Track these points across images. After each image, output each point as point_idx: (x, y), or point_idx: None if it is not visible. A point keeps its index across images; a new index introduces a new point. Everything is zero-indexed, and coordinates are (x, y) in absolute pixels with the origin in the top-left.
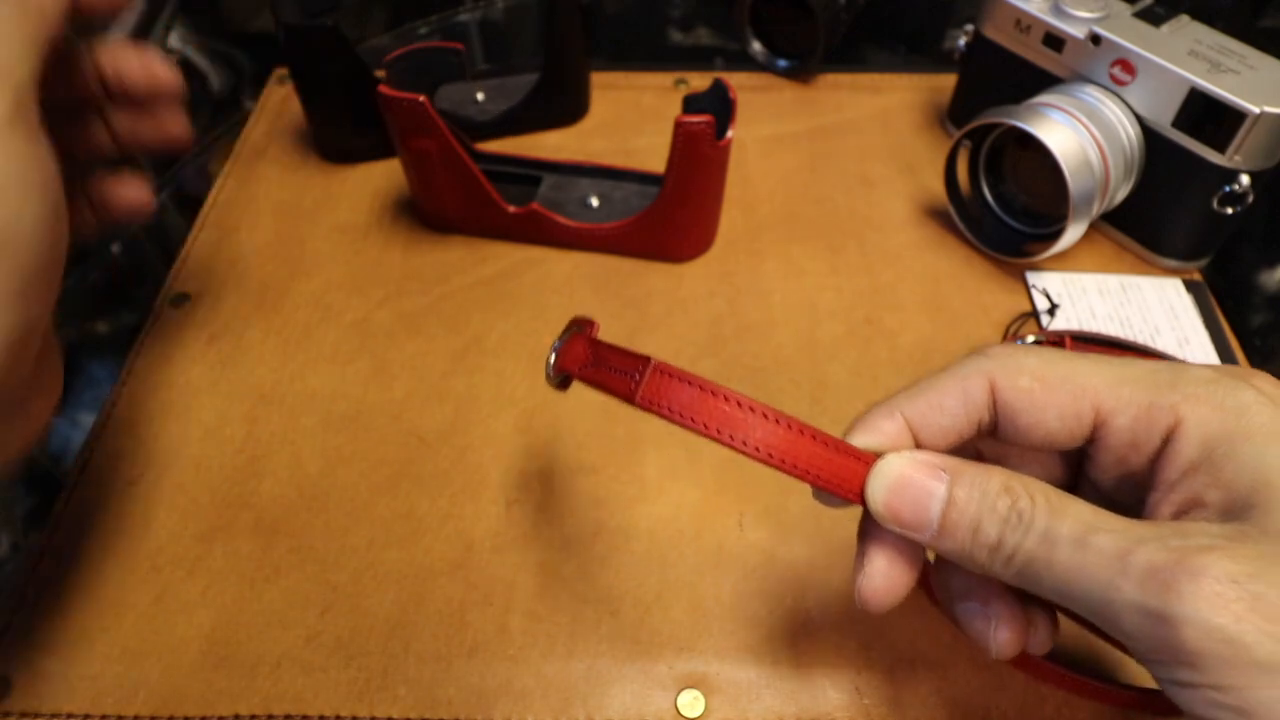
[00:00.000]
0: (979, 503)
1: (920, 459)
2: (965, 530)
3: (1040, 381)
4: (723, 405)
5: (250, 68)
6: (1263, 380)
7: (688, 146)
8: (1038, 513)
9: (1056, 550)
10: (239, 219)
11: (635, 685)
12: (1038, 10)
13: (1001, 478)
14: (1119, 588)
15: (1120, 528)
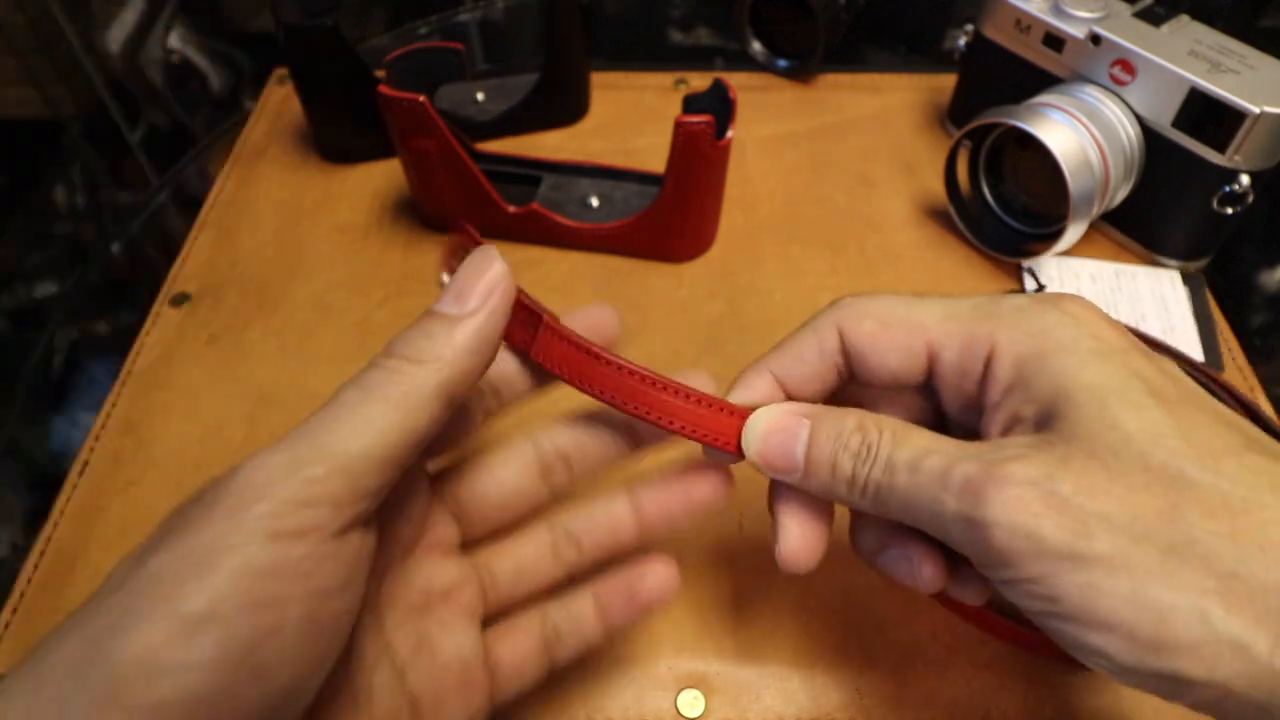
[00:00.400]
0: (834, 440)
1: (786, 409)
2: (825, 467)
3: (880, 323)
4: (604, 368)
5: (250, 68)
6: (1070, 302)
7: (688, 146)
8: (883, 444)
9: (896, 476)
10: (239, 219)
11: (635, 685)
12: (1038, 10)
13: (856, 417)
14: (943, 502)
15: (948, 449)
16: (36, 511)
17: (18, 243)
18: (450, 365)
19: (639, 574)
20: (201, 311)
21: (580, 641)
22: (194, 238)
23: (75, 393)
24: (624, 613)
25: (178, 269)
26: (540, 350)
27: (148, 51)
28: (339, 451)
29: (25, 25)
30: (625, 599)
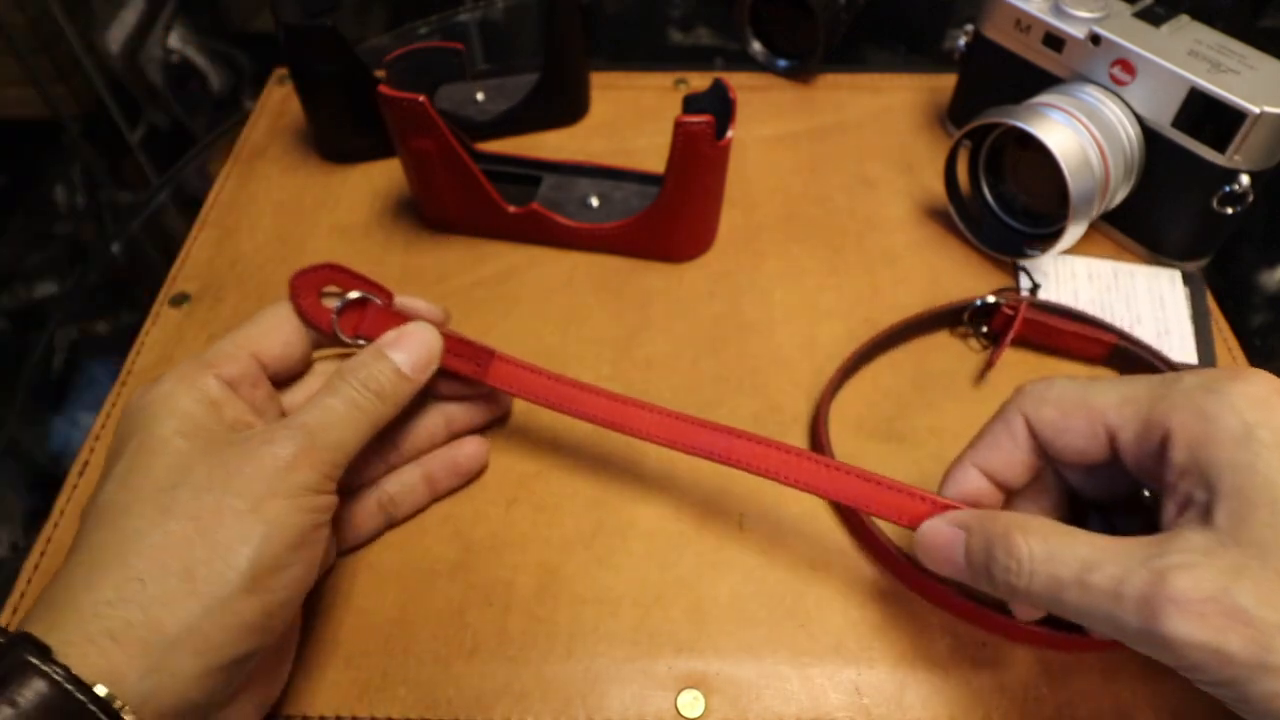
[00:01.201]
0: (985, 554)
1: (943, 522)
2: (984, 577)
3: (1059, 410)
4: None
5: (250, 68)
6: (1248, 383)
7: (688, 146)
8: (1036, 556)
9: (1064, 592)
10: (239, 219)
11: (635, 685)
12: (1038, 10)
13: (1004, 526)
14: (1121, 619)
15: (1111, 558)
16: (36, 511)
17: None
18: (398, 407)
19: (457, 448)
20: (201, 311)
21: (412, 505)
22: (194, 238)
23: (75, 393)
24: (447, 481)
25: (178, 269)
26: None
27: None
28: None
29: (25, 25)
30: (447, 470)
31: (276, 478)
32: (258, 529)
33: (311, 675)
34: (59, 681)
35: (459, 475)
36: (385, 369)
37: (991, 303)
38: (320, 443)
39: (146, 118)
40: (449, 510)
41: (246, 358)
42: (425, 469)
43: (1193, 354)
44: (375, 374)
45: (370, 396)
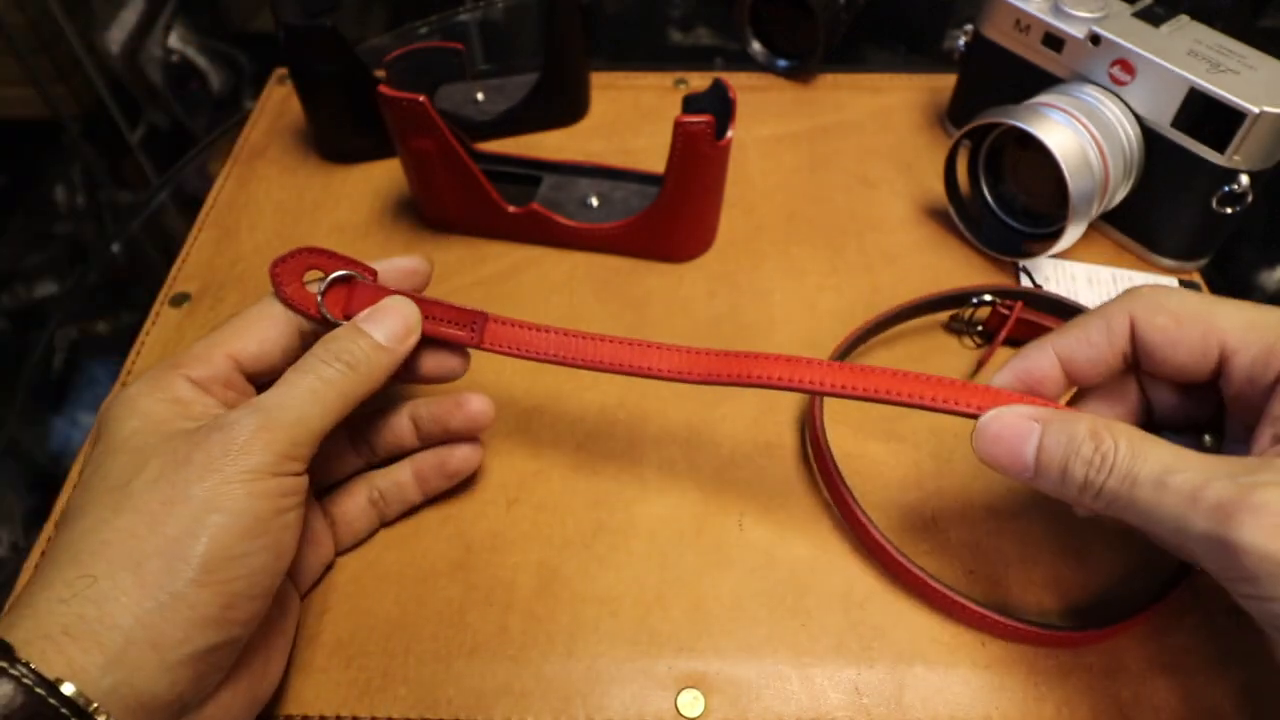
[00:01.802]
0: (1065, 446)
1: (1017, 412)
2: (1056, 472)
3: (1175, 319)
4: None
5: (250, 68)
6: None
7: (688, 146)
8: (1120, 456)
9: (1138, 489)
10: (239, 219)
11: (635, 685)
12: (1037, 10)
13: (1088, 423)
14: (1191, 520)
15: (1196, 466)
16: (36, 511)
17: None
18: (375, 381)
19: (449, 451)
20: (202, 311)
21: (402, 503)
22: (194, 238)
23: (75, 393)
24: (436, 482)
25: (178, 269)
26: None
27: (148, 51)
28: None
29: (25, 25)
30: (437, 471)
31: (228, 461)
32: (210, 517)
33: (312, 675)
34: (28, 685)
35: (447, 477)
36: (359, 341)
37: (987, 300)
38: (277, 420)
39: (146, 118)
40: (449, 510)
41: (220, 357)
42: (415, 466)
43: None
44: (347, 346)
45: (340, 368)
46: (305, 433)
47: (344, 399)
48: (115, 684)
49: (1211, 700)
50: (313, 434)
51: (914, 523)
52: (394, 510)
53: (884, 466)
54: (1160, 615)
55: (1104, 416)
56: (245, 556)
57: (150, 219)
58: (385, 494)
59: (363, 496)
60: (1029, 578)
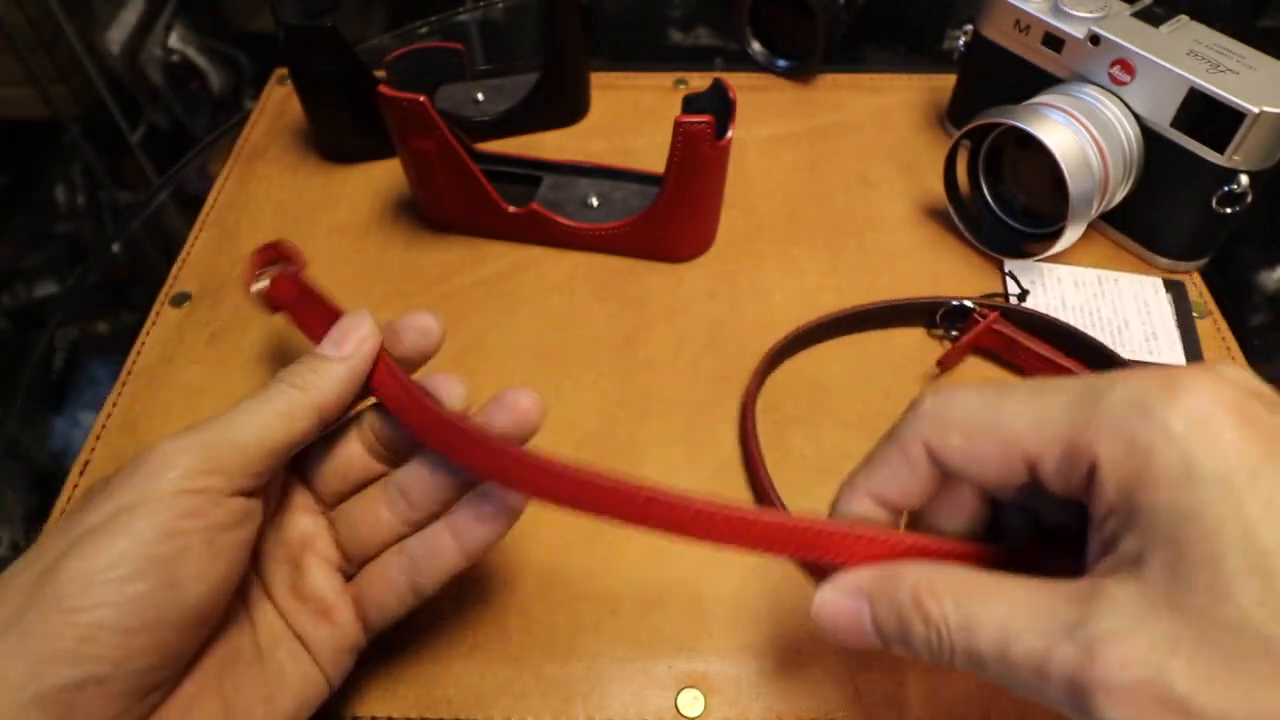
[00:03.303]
0: (897, 625)
1: (842, 589)
2: (898, 645)
3: (967, 437)
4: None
5: (250, 68)
6: (1185, 397)
7: (688, 146)
8: (952, 625)
9: (985, 665)
10: (239, 219)
11: (635, 685)
12: (1037, 10)
13: (911, 589)
14: (1047, 693)
15: (1031, 622)
16: (36, 511)
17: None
18: (324, 393)
19: (482, 494)
20: (202, 311)
21: (440, 569)
22: (194, 238)
23: (75, 393)
24: (474, 534)
25: (178, 269)
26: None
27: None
28: (235, 440)
29: (25, 25)
30: (473, 519)
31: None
32: (83, 538)
33: None
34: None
35: (483, 525)
36: (306, 362)
37: (968, 306)
38: (195, 438)
39: (146, 118)
40: None
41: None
42: (450, 522)
43: (1181, 357)
44: (295, 369)
45: (283, 387)
46: (232, 450)
47: (289, 417)
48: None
49: None
50: (242, 450)
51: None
52: (429, 577)
53: None
54: None
55: (940, 519)
56: (117, 581)
57: (150, 219)
58: (417, 561)
59: (393, 567)
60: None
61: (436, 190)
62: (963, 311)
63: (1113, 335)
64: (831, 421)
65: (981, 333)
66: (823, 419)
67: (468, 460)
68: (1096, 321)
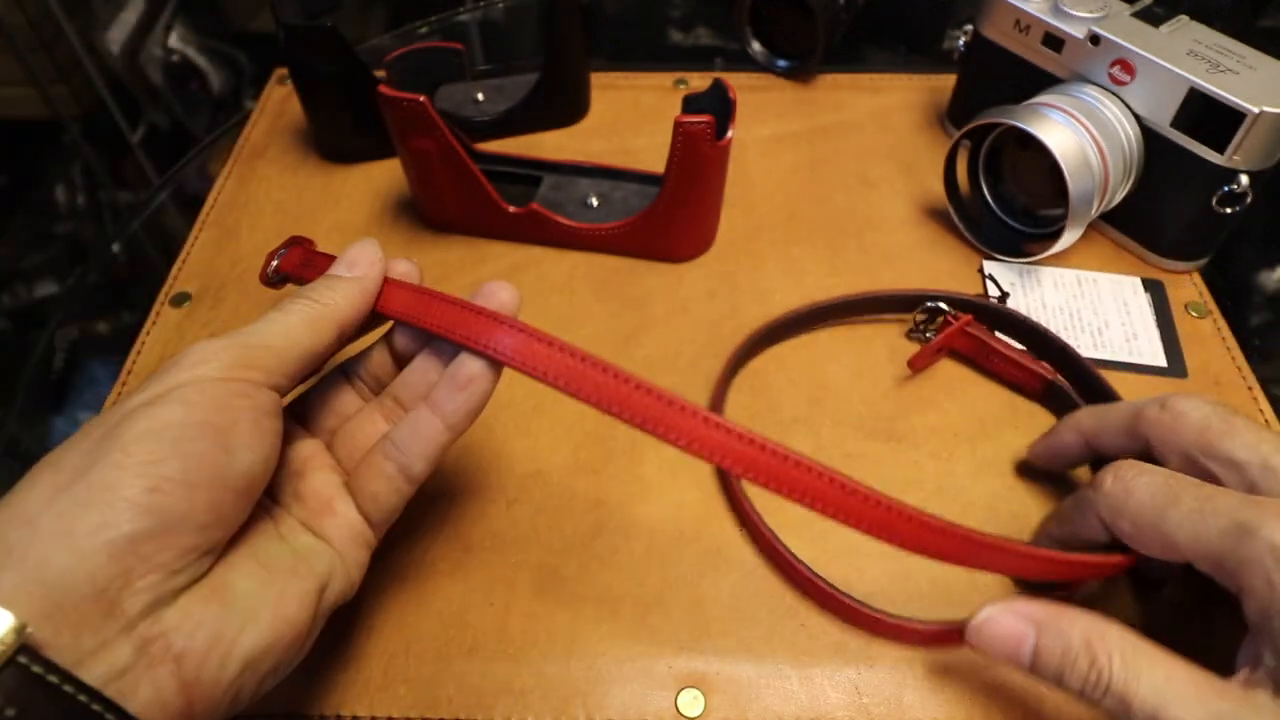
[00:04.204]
0: (1060, 659)
1: (1012, 612)
2: (1051, 677)
3: (1135, 528)
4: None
5: (250, 68)
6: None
7: (688, 146)
8: (1114, 674)
9: (1131, 714)
10: (239, 219)
11: (635, 685)
12: (1037, 10)
13: (1082, 634)
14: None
15: (1189, 700)
16: None
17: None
18: (341, 308)
19: (456, 363)
20: (202, 311)
21: (425, 443)
22: (194, 238)
23: (75, 393)
24: (453, 403)
25: (178, 269)
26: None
27: (148, 51)
28: (267, 344)
29: (25, 25)
30: (450, 389)
31: (179, 367)
32: (140, 404)
33: (313, 674)
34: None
35: (460, 388)
36: (324, 281)
37: (941, 308)
38: (236, 340)
39: (146, 118)
40: (449, 510)
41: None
42: (429, 400)
43: (1162, 357)
44: (314, 286)
45: (305, 302)
46: (266, 352)
47: (312, 325)
48: (21, 581)
49: None
50: (274, 352)
51: None
52: (417, 456)
53: (884, 466)
54: (1160, 617)
55: None
56: (177, 440)
57: (150, 219)
58: (401, 443)
59: (377, 455)
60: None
61: (436, 190)
62: (937, 313)
63: (1093, 336)
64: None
65: (954, 335)
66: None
67: (483, 339)
68: (1077, 323)
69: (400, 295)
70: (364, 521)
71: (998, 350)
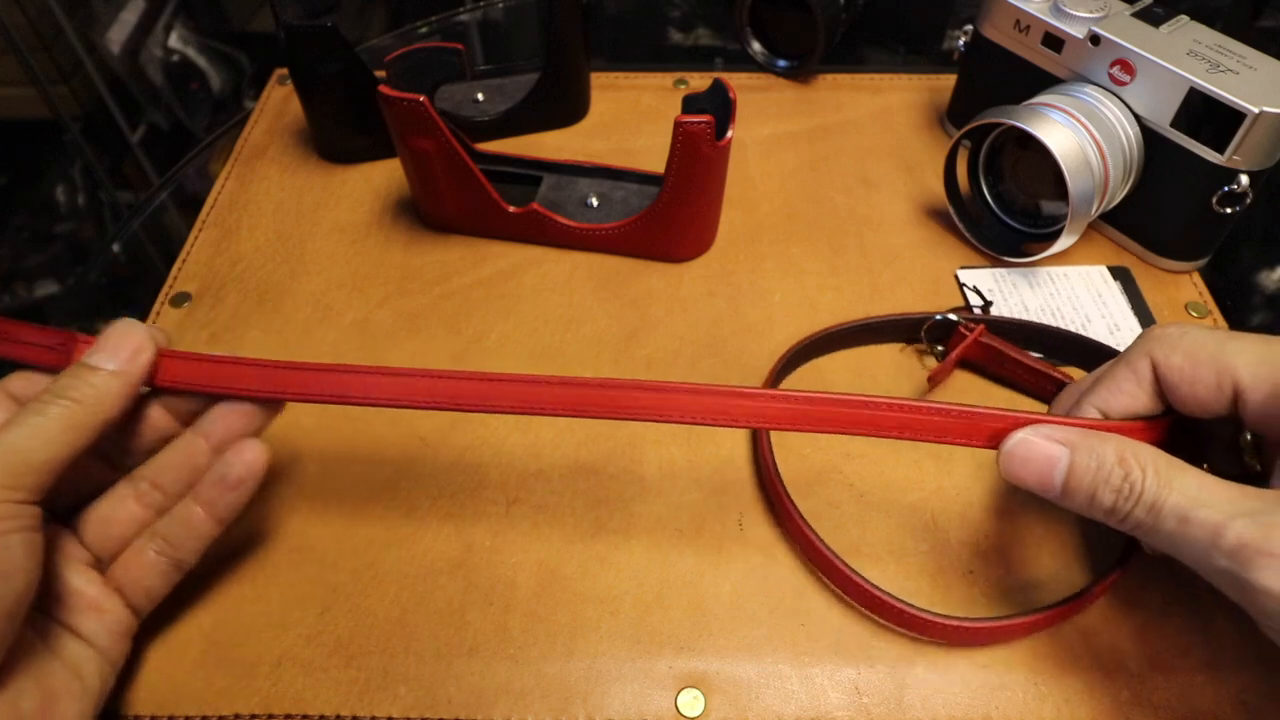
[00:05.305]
0: (1094, 474)
1: (1044, 434)
2: (1084, 495)
3: (1190, 359)
4: None
5: (250, 68)
6: None
7: (688, 146)
8: (1148, 484)
9: (1162, 520)
10: (239, 219)
11: (635, 685)
12: (1037, 10)
13: (1115, 448)
14: (1213, 557)
15: (1220, 501)
16: None
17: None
18: (104, 407)
19: (226, 463)
20: (202, 311)
21: (196, 539)
22: (194, 238)
23: None
24: (224, 501)
25: (178, 269)
26: None
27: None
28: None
29: (25, 25)
30: (220, 489)
31: None
32: None
33: (312, 674)
34: None
35: (230, 491)
36: (80, 374)
37: (952, 320)
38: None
39: (146, 118)
40: (449, 510)
41: None
42: (198, 497)
43: None
44: (69, 381)
45: (64, 403)
46: (26, 468)
47: (73, 430)
48: None
49: (1211, 701)
50: (34, 468)
51: (914, 523)
52: (189, 551)
53: (884, 466)
54: (1161, 617)
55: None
56: None
57: (150, 219)
58: (171, 538)
59: (146, 551)
60: (1029, 579)
61: (436, 190)
62: (948, 326)
63: (1079, 333)
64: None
65: (970, 346)
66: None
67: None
68: (1060, 322)
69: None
70: (132, 615)
71: (1013, 357)
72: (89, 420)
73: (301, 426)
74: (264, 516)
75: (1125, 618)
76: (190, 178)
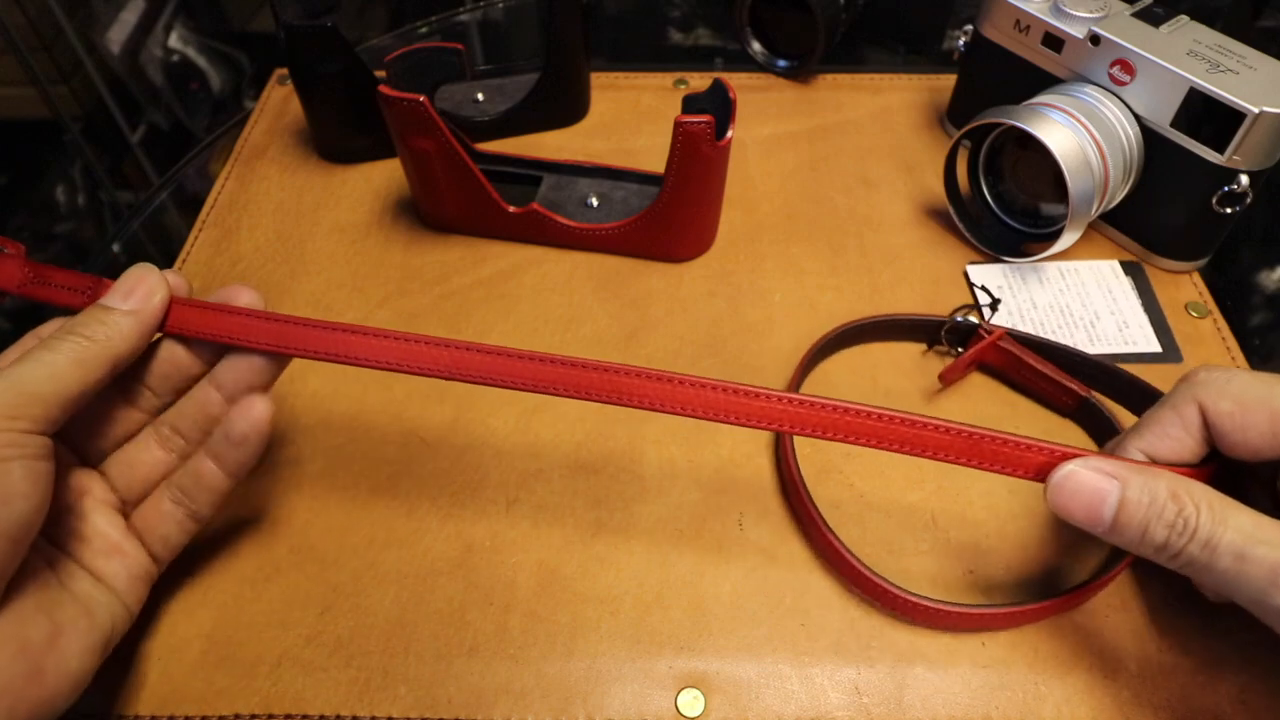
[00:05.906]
0: (1147, 508)
1: (1096, 466)
2: (1135, 531)
3: (1240, 405)
4: None
5: (250, 68)
6: None
7: (688, 146)
8: (1201, 521)
9: (1217, 558)
10: (239, 219)
11: (635, 685)
12: (1037, 10)
13: (1168, 484)
14: (1271, 595)
15: (1277, 539)
16: None
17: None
18: (115, 346)
19: (231, 420)
20: None
21: (209, 491)
22: (194, 238)
23: None
24: (232, 456)
25: (178, 269)
26: None
27: (148, 51)
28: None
29: (25, 25)
30: (227, 444)
31: None
32: None
33: (312, 674)
34: None
35: (237, 444)
36: (94, 314)
37: (973, 322)
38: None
39: (146, 118)
40: (449, 510)
41: None
42: (209, 451)
43: (1155, 343)
44: (83, 319)
45: (76, 339)
46: (31, 399)
47: (82, 366)
48: None
49: (1211, 701)
50: (40, 399)
51: (914, 523)
52: (204, 504)
53: (885, 466)
54: (1161, 616)
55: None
56: None
57: (150, 219)
58: (186, 490)
59: (164, 501)
60: (1030, 579)
61: (436, 190)
62: (968, 327)
63: (1088, 330)
64: None
65: (986, 349)
66: None
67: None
68: (1069, 319)
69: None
70: (152, 561)
71: (1031, 365)
72: (100, 356)
73: (301, 426)
74: (264, 516)
75: (1125, 617)
76: (190, 178)
